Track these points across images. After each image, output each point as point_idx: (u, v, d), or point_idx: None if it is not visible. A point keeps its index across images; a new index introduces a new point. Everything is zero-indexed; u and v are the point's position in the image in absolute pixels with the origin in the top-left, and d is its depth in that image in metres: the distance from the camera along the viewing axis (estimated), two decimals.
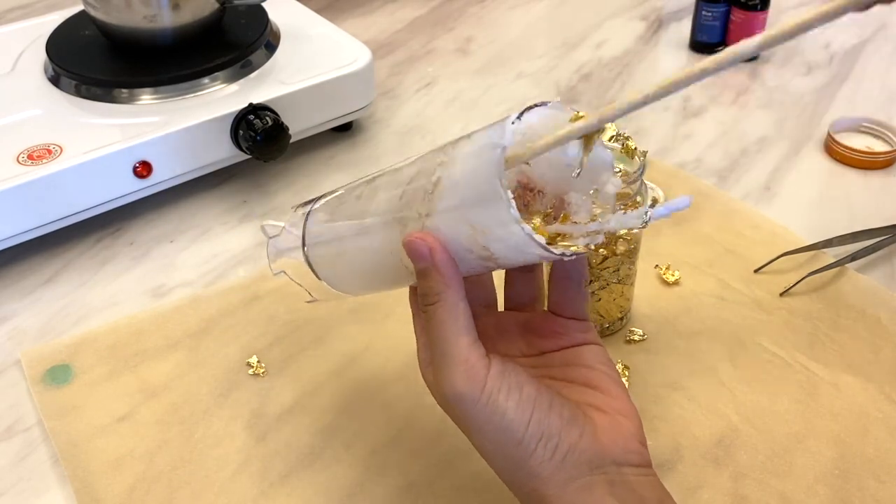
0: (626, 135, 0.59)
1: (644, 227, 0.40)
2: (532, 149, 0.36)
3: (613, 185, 0.40)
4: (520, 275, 0.47)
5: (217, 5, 0.81)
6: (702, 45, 1.00)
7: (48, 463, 0.55)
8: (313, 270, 0.51)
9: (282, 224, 0.53)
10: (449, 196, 0.38)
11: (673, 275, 0.67)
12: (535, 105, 0.38)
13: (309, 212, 0.50)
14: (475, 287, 0.46)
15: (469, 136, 0.40)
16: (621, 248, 0.58)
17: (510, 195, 0.36)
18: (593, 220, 0.40)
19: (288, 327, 0.64)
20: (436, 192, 0.39)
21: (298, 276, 0.53)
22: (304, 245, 0.50)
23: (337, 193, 0.49)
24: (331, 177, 0.81)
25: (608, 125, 0.60)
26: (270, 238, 0.54)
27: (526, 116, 0.37)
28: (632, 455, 0.41)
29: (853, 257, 0.67)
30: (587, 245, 0.39)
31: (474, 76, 0.98)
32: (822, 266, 0.66)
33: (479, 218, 0.37)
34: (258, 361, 0.61)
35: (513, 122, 0.37)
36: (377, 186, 0.44)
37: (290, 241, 0.52)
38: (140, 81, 0.77)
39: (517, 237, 0.37)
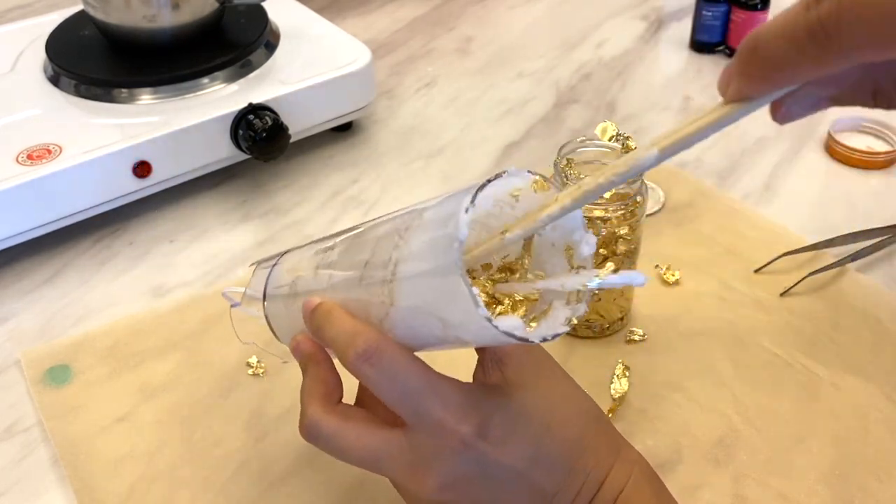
0: (626, 135, 0.59)
1: (590, 291, 0.37)
2: (487, 248, 0.35)
3: (588, 244, 0.38)
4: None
5: (216, 5, 0.81)
6: (702, 44, 1.00)
7: (48, 463, 0.55)
8: (272, 331, 0.49)
9: (242, 290, 0.51)
10: (409, 289, 0.36)
11: (673, 275, 0.67)
12: (491, 179, 0.35)
13: (270, 272, 0.48)
14: None
15: (421, 213, 0.37)
16: (622, 248, 0.58)
17: (479, 300, 0.33)
18: (540, 278, 0.38)
19: None
20: (394, 279, 0.36)
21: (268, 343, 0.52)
22: (263, 300, 0.48)
23: (293, 259, 0.47)
24: (330, 176, 0.81)
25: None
26: (233, 306, 0.52)
27: (481, 196, 0.34)
28: None
29: (854, 257, 0.67)
30: (569, 322, 0.36)
31: (474, 76, 0.98)
32: (822, 266, 0.66)
33: (445, 314, 0.35)
34: (258, 361, 0.61)
35: (466, 211, 0.33)
36: (333, 263, 0.42)
37: (253, 304, 0.50)
38: (140, 81, 0.77)
39: (492, 334, 0.34)
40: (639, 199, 0.57)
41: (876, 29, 0.21)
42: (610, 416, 0.56)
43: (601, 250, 0.57)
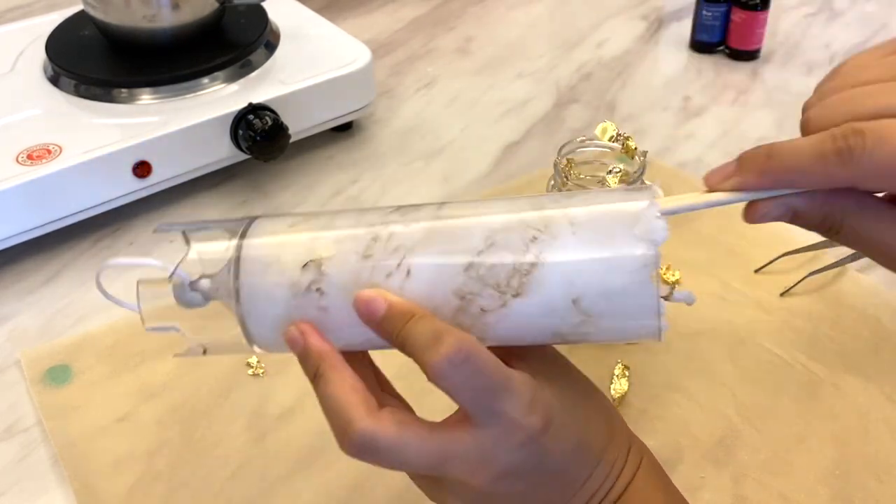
0: (626, 135, 0.59)
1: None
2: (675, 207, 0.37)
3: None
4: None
5: (217, 5, 0.80)
6: (702, 44, 1.00)
7: (48, 463, 0.55)
8: (246, 332, 0.41)
9: (152, 262, 0.43)
10: (556, 280, 0.36)
11: (673, 275, 0.67)
12: (651, 185, 0.38)
13: (238, 256, 0.40)
14: None
15: (565, 209, 0.37)
16: None
17: (663, 307, 0.36)
18: None
19: None
20: (534, 272, 0.36)
21: (194, 328, 0.43)
22: (237, 301, 0.39)
23: (297, 238, 0.40)
24: (331, 176, 0.81)
25: (608, 125, 0.60)
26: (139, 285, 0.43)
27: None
28: None
29: (854, 257, 0.66)
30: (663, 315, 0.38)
31: (474, 76, 0.98)
32: (822, 266, 0.66)
33: (602, 308, 0.36)
34: (258, 362, 0.61)
35: (655, 215, 0.36)
36: (403, 248, 0.38)
37: (193, 295, 0.41)
38: (139, 81, 0.77)
39: (641, 328, 0.37)
40: None
41: (885, 168, 0.31)
42: None
43: None
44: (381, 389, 0.42)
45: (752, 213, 0.36)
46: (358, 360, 0.41)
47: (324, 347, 0.38)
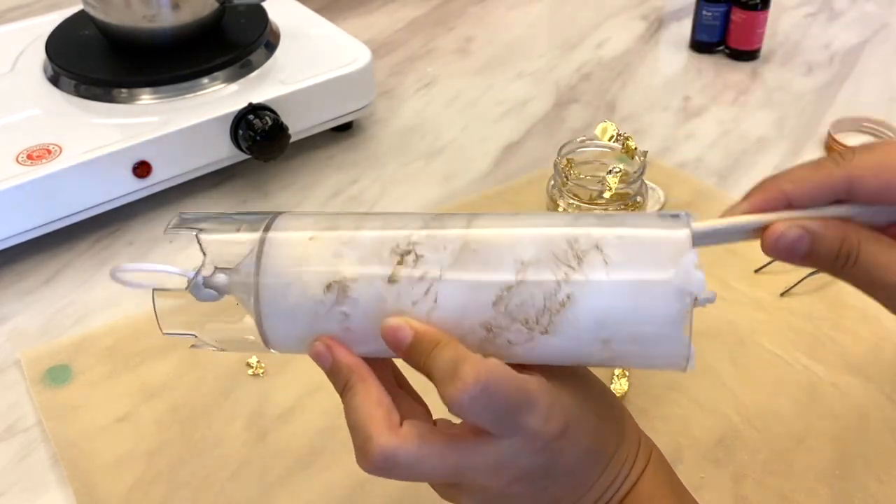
0: (626, 135, 0.59)
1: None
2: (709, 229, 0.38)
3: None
4: None
5: (217, 5, 0.81)
6: (702, 44, 1.00)
7: (48, 463, 0.55)
8: (262, 334, 0.39)
9: (171, 269, 0.42)
10: (587, 321, 0.35)
11: None
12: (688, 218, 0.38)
13: (260, 256, 0.39)
14: None
15: (596, 245, 0.36)
16: None
17: (693, 351, 0.36)
18: None
19: None
20: (564, 312, 0.35)
21: (213, 334, 0.43)
22: (257, 302, 0.39)
23: (318, 251, 0.38)
24: (331, 176, 0.81)
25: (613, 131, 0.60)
26: (155, 291, 0.42)
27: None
28: None
29: None
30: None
31: (474, 76, 0.98)
32: None
33: (628, 347, 0.36)
34: (258, 362, 0.61)
35: (694, 263, 0.36)
36: (429, 277, 0.36)
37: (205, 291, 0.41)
38: (139, 81, 0.77)
39: (673, 367, 0.37)
40: (639, 199, 0.57)
41: (874, 166, 0.36)
42: None
43: None
44: (398, 386, 0.42)
45: (769, 236, 0.37)
46: (378, 362, 0.40)
47: (352, 360, 0.38)
